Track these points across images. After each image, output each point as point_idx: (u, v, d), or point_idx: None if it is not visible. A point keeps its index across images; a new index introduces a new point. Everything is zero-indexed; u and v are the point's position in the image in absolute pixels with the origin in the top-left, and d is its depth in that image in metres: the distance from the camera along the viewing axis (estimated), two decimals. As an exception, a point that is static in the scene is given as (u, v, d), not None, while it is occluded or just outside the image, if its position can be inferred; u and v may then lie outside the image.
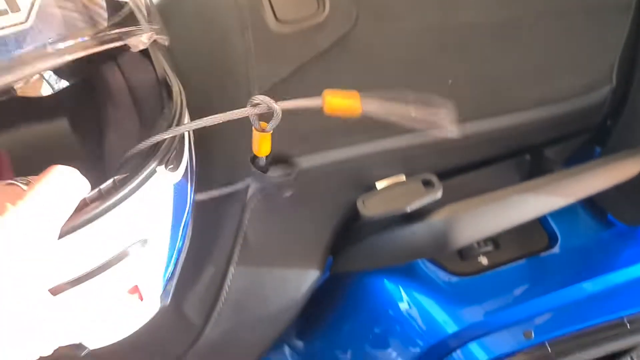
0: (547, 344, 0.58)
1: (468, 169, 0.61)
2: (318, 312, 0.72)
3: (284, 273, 0.59)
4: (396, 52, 0.63)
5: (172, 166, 0.42)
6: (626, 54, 0.60)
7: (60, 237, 0.34)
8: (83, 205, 0.35)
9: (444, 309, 0.61)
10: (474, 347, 0.60)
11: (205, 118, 0.40)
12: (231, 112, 0.39)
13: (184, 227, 0.49)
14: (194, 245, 0.57)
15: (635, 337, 0.59)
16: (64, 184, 0.32)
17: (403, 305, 0.63)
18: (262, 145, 0.45)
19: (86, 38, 0.36)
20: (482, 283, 0.61)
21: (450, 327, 0.60)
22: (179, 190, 0.45)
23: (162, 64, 0.47)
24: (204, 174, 0.57)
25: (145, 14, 0.42)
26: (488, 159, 0.61)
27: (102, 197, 0.36)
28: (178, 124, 0.43)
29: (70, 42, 0.35)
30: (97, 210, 0.36)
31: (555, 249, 0.62)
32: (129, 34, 0.39)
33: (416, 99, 0.42)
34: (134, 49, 0.41)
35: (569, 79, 0.60)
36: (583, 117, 0.60)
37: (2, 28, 0.33)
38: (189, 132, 0.47)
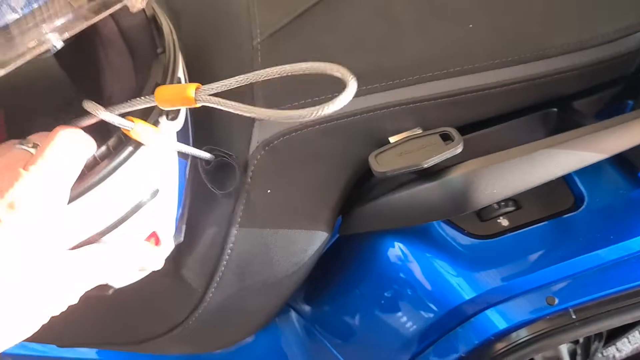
0: (571, 311, 0.55)
1: (489, 123, 0.56)
2: (326, 275, 0.69)
3: (290, 234, 0.55)
4: (413, -6, 0.57)
5: (172, 115, 0.42)
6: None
7: (78, 195, 0.35)
8: (94, 163, 0.37)
9: (460, 273, 0.57)
10: (492, 313, 0.56)
11: None
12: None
13: (188, 168, 0.51)
14: (194, 205, 0.54)
15: (667, 304, 0.55)
16: (71, 145, 0.34)
17: (416, 269, 0.59)
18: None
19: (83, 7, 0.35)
20: (502, 246, 0.57)
21: (467, 293, 0.56)
22: (181, 136, 0.46)
23: (151, 4, 0.44)
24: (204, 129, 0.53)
25: None
26: (511, 112, 0.56)
27: (110, 153, 0.38)
28: (174, 68, 0.43)
29: (66, 18, 0.34)
30: (109, 168, 0.37)
31: (582, 210, 0.57)
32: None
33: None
34: (132, 10, 0.39)
35: (602, 23, 0.54)
36: (616, 65, 0.54)
37: None
38: (185, 78, 0.46)
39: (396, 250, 0.60)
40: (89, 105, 0.38)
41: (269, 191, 0.53)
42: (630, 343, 0.78)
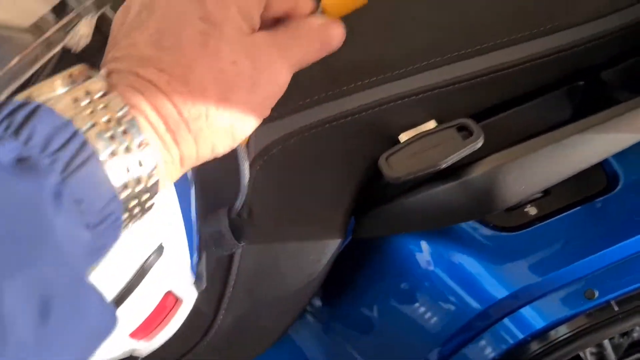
0: (612, 304, 0.50)
1: (511, 104, 0.50)
2: (342, 275, 0.64)
3: (300, 246, 0.51)
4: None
5: None
6: None
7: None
8: None
9: (489, 271, 0.52)
10: (527, 312, 0.52)
11: None
12: None
13: (194, 210, 0.46)
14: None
15: None
16: None
17: (440, 269, 0.54)
18: None
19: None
20: (531, 237, 0.52)
21: (499, 292, 0.52)
22: (179, 181, 0.40)
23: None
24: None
25: None
26: (533, 91, 0.50)
27: None
28: None
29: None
30: None
31: (616, 192, 0.52)
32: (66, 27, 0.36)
33: None
34: (77, 49, 0.37)
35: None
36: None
37: None
38: None
39: (417, 248, 0.55)
40: None
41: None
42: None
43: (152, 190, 0.26)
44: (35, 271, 0.20)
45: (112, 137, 0.24)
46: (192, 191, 0.45)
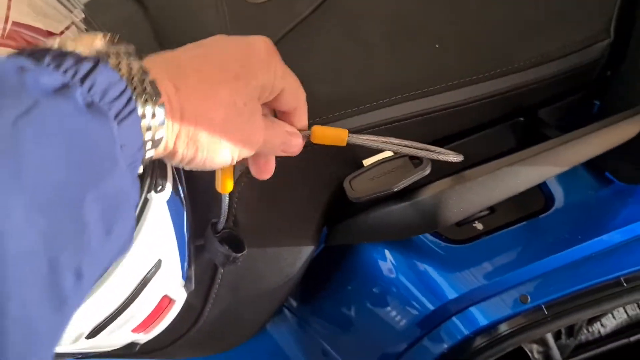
0: (543, 307, 0.59)
1: (459, 136, 0.59)
2: (317, 277, 0.73)
3: (277, 251, 0.59)
4: (380, 15, 0.60)
5: (160, 187, 0.45)
6: (626, 3, 0.56)
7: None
8: None
9: (442, 276, 0.61)
10: (474, 311, 0.60)
11: None
12: None
13: (186, 227, 0.52)
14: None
15: (634, 296, 0.58)
16: None
17: (403, 274, 0.63)
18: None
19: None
20: (478, 249, 0.61)
21: (450, 294, 0.60)
22: (172, 201, 0.47)
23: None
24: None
25: None
26: (479, 125, 0.59)
27: None
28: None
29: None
30: None
31: (552, 211, 0.61)
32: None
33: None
34: None
35: (564, 35, 0.56)
36: (580, 74, 0.57)
37: None
38: None
39: (381, 256, 0.64)
40: None
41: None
42: (615, 318, 0.82)
43: (157, 142, 0.31)
44: (108, 188, 0.25)
45: (143, 96, 0.29)
46: (184, 211, 0.52)
